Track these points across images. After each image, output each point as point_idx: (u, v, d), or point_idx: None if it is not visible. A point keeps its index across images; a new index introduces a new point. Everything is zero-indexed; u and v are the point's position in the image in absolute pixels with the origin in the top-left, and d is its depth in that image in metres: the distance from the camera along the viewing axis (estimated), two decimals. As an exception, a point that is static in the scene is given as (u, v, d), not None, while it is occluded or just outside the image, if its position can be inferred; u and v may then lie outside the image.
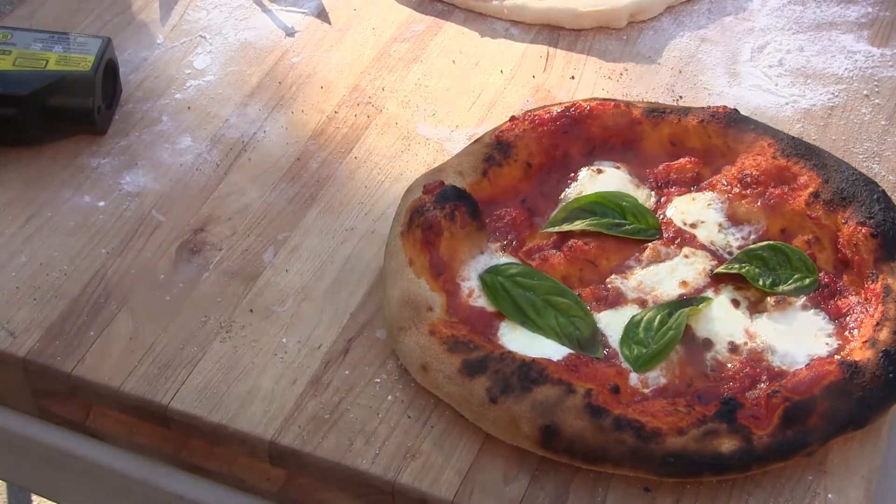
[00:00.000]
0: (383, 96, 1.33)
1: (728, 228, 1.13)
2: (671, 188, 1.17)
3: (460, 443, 1.00)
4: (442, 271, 1.09)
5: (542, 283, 1.08)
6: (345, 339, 1.08)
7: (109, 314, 1.11)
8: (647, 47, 1.38)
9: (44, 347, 1.08)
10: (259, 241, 1.17)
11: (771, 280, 1.08)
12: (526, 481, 0.98)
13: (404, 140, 1.28)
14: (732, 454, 0.95)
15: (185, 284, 1.13)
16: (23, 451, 1.12)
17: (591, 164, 1.19)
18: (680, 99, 1.31)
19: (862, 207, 1.09)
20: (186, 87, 1.34)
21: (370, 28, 1.42)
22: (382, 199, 1.21)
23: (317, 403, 1.03)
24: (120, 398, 1.05)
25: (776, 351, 1.03)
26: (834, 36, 1.38)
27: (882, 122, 1.27)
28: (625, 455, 0.95)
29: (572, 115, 1.20)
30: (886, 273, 1.05)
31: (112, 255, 1.16)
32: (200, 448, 1.05)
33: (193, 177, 1.24)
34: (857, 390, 0.98)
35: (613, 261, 1.12)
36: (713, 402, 0.98)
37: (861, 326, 1.04)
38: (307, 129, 1.29)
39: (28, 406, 1.11)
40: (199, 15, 1.44)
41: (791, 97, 1.31)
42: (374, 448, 1.00)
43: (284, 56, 1.38)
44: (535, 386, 0.98)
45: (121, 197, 1.22)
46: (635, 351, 1.03)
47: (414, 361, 1.03)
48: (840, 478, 0.97)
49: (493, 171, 1.16)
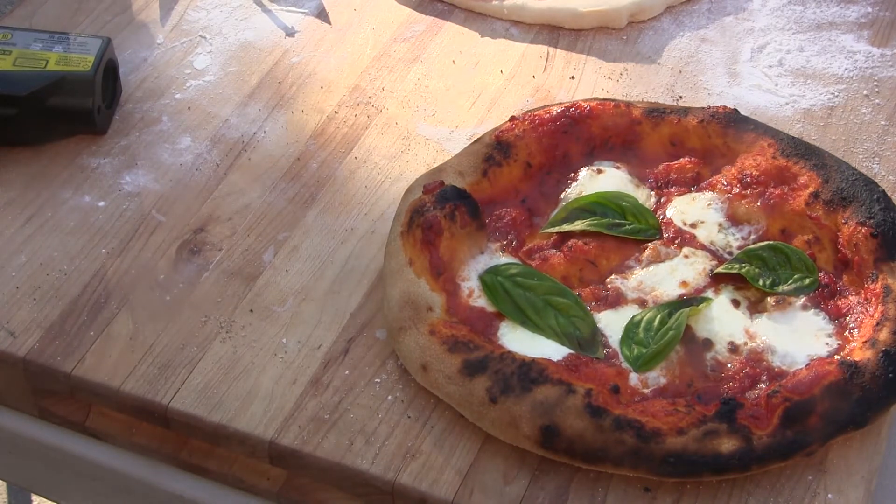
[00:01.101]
0: (383, 96, 1.33)
1: (728, 228, 1.13)
2: (671, 188, 1.17)
3: (460, 443, 1.00)
4: (442, 271, 1.09)
5: (542, 283, 1.08)
6: (345, 339, 1.08)
7: (109, 314, 1.11)
8: (647, 47, 1.38)
9: (44, 347, 1.08)
10: (259, 241, 1.17)
11: (771, 280, 1.08)
12: (526, 481, 0.98)
13: (404, 140, 1.28)
14: (732, 454, 0.95)
15: (185, 284, 1.13)
16: (23, 451, 1.12)
17: (591, 164, 1.19)
18: (680, 99, 1.31)
19: (862, 207, 1.09)
20: (186, 87, 1.34)
21: (370, 28, 1.42)
22: (382, 199, 1.21)
23: (317, 403, 1.03)
24: (120, 398, 1.05)
25: (776, 351, 1.03)
26: (834, 36, 1.38)
27: (882, 122, 1.27)
28: (625, 455, 0.95)
29: (572, 115, 1.20)
30: (886, 273, 1.05)
31: (112, 255, 1.16)
32: (200, 448, 1.05)
33: (193, 177, 1.24)
34: (857, 390, 0.98)
35: (613, 261, 1.12)
36: (713, 402, 0.98)
37: (861, 326, 1.04)
38: (307, 129, 1.29)
39: (28, 406, 1.11)
40: (199, 15, 1.44)
41: (791, 97, 1.31)
42: (374, 448, 1.00)
43: (284, 56, 1.38)
44: (535, 386, 0.98)
45: (121, 197, 1.22)
46: (635, 351, 1.03)
47: (414, 361, 1.03)
48: (840, 478, 0.97)
49: (493, 171, 1.16)
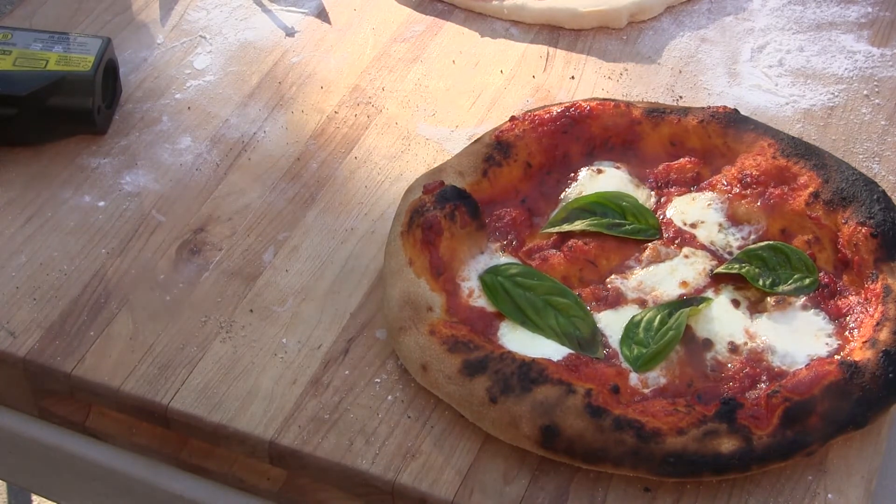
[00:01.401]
0: (383, 96, 1.33)
1: (728, 228, 1.13)
2: (671, 188, 1.17)
3: (460, 443, 1.00)
4: (442, 271, 1.09)
5: (542, 283, 1.08)
6: (345, 339, 1.08)
7: (109, 314, 1.11)
8: (647, 47, 1.38)
9: (44, 347, 1.08)
10: (259, 241, 1.17)
11: (771, 280, 1.08)
12: (526, 481, 0.98)
13: (404, 140, 1.28)
14: (732, 454, 0.95)
15: (185, 284, 1.13)
16: (23, 451, 1.12)
17: (591, 164, 1.19)
18: (680, 99, 1.31)
19: (862, 207, 1.09)
20: (186, 87, 1.34)
21: (370, 28, 1.42)
22: (382, 199, 1.21)
23: (317, 403, 1.03)
24: (120, 398, 1.05)
25: (776, 351, 1.03)
26: (834, 36, 1.38)
27: (882, 122, 1.27)
28: (625, 455, 0.95)
29: (572, 115, 1.20)
30: (886, 273, 1.05)
31: (112, 255, 1.16)
32: (200, 448, 1.05)
33: (193, 177, 1.24)
34: (857, 390, 0.98)
35: (613, 261, 1.12)
36: (713, 402, 0.98)
37: (861, 326, 1.04)
38: (307, 129, 1.29)
39: (28, 406, 1.11)
40: (199, 15, 1.44)
41: (791, 97, 1.31)
42: (374, 448, 1.00)
43: (284, 56, 1.38)
44: (535, 386, 0.98)
45: (121, 197, 1.22)
46: (635, 351, 1.03)
47: (414, 361, 1.03)
48: (840, 478, 0.97)
49: (493, 171, 1.16)
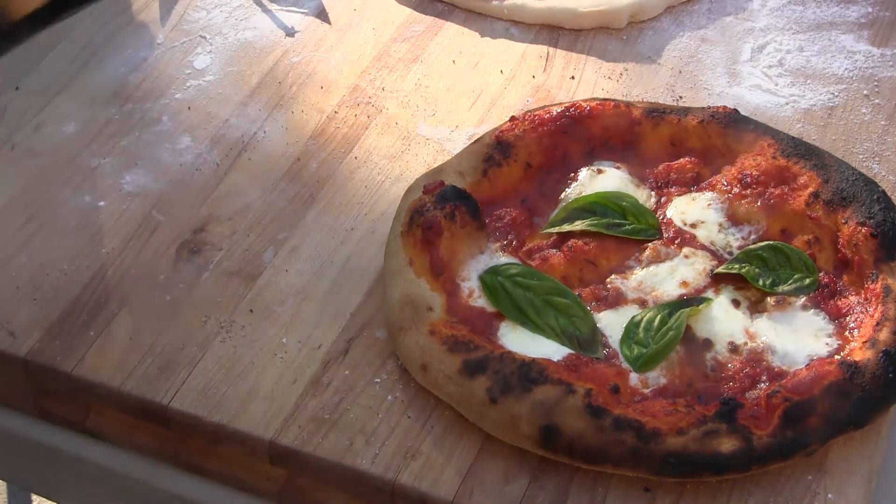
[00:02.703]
0: (383, 96, 1.33)
1: (728, 228, 1.13)
2: (671, 188, 1.17)
3: (460, 443, 1.00)
4: (442, 271, 1.09)
5: (542, 283, 1.08)
6: (345, 339, 1.08)
7: (109, 314, 1.11)
8: (647, 47, 1.38)
9: (44, 347, 1.08)
10: (259, 241, 1.17)
11: (771, 280, 1.08)
12: (526, 481, 0.98)
13: (404, 140, 1.28)
14: (732, 454, 0.95)
15: (185, 284, 1.13)
16: (23, 451, 1.12)
17: (591, 165, 1.19)
18: (680, 99, 1.31)
19: (862, 207, 1.09)
20: (186, 87, 1.34)
21: (370, 28, 1.42)
22: (382, 199, 1.21)
23: (317, 403, 1.03)
24: (120, 398, 1.05)
25: (776, 351, 1.03)
26: (834, 36, 1.38)
27: (882, 122, 1.27)
28: (625, 455, 0.95)
29: (572, 116, 1.20)
30: (886, 273, 1.05)
31: (112, 255, 1.16)
32: (200, 448, 1.05)
33: (193, 177, 1.24)
34: (857, 390, 0.98)
35: (613, 261, 1.12)
36: (713, 402, 0.98)
37: (861, 326, 1.04)
38: (307, 129, 1.29)
39: (28, 406, 1.11)
40: (199, 15, 1.44)
41: (791, 97, 1.30)
42: (374, 448, 1.00)
43: (284, 56, 1.38)
44: (535, 386, 0.98)
45: (121, 197, 1.22)
46: (635, 351, 1.03)
47: (414, 361, 1.03)
48: (840, 478, 0.97)
49: (493, 172, 1.16)
